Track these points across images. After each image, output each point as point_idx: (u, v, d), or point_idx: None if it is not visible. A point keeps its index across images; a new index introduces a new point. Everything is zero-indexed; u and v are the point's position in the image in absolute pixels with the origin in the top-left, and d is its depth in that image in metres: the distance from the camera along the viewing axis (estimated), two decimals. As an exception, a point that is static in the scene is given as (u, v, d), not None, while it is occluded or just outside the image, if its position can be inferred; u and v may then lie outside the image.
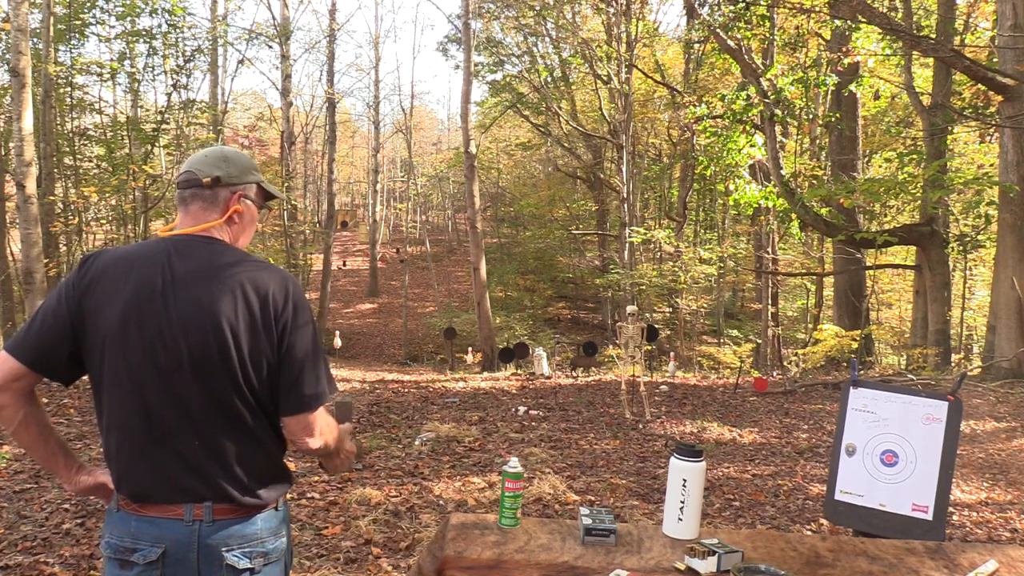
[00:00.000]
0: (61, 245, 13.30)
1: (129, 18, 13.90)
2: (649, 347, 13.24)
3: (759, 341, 17.02)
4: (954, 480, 5.14)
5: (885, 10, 11.57)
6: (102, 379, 1.49)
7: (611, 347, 15.70)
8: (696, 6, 13.89)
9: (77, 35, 14.16)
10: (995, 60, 11.02)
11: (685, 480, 1.96)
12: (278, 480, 1.59)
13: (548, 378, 11.62)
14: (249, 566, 1.50)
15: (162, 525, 1.47)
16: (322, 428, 1.55)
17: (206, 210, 1.59)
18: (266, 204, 1.74)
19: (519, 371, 13.52)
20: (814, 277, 17.59)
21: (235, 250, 1.58)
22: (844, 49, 11.25)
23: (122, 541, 1.48)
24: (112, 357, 1.47)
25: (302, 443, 1.54)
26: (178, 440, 1.48)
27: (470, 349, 17.72)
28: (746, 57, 12.70)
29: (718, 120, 13.57)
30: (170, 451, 1.48)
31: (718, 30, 12.83)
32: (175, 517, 1.47)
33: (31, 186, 8.61)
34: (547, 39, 22.55)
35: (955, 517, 4.75)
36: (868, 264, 14.77)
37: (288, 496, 1.71)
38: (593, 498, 5.03)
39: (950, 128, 12.36)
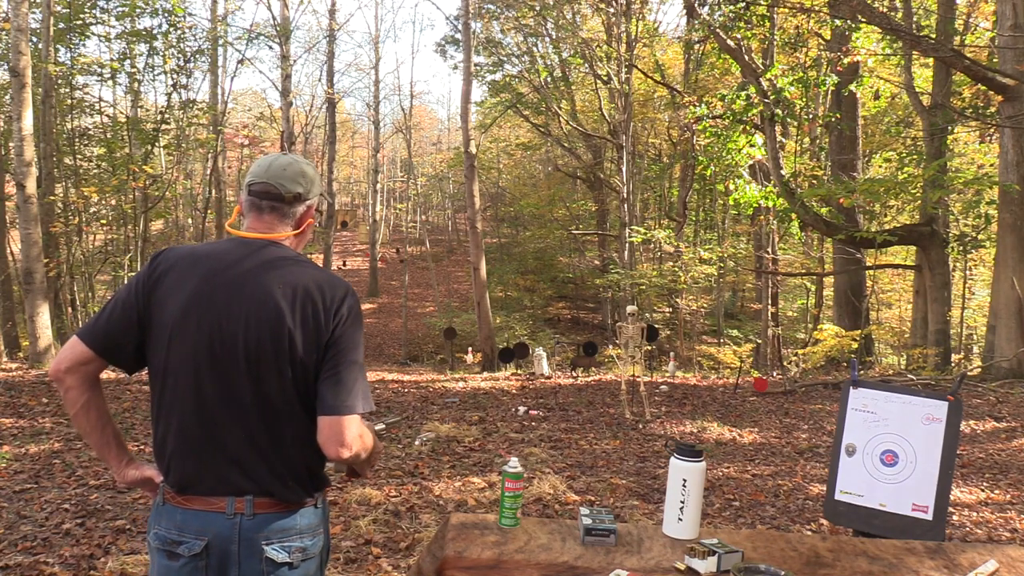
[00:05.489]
0: (61, 245, 13.29)
1: (129, 18, 13.91)
2: (649, 347, 13.24)
3: (759, 341, 17.01)
4: (954, 480, 5.13)
5: (885, 10, 11.56)
6: (161, 369, 1.54)
7: (611, 347, 15.70)
8: (696, 6, 13.88)
9: (77, 35, 14.16)
10: (995, 60, 11.02)
11: (685, 480, 1.96)
12: (318, 478, 1.63)
13: (548, 378, 11.62)
14: (288, 560, 1.53)
15: (205, 518, 1.52)
16: (355, 436, 1.55)
17: (281, 221, 1.65)
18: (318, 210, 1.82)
19: (519, 371, 13.52)
20: (814, 277, 17.58)
21: (299, 255, 1.64)
22: (844, 49, 11.26)
23: (169, 533, 1.53)
24: (173, 348, 1.52)
25: (333, 450, 1.53)
26: (227, 433, 1.52)
27: (470, 349, 17.72)
28: (746, 57, 12.70)
29: (718, 120, 13.57)
30: (218, 443, 1.52)
31: (718, 30, 12.83)
32: (217, 510, 1.52)
33: (31, 186, 8.62)
34: (547, 39, 22.55)
35: (955, 517, 4.75)
36: (868, 264, 14.77)
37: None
38: (593, 498, 5.03)
39: (950, 128, 12.35)
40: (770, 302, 16.46)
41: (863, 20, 10.42)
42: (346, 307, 1.56)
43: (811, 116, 14.53)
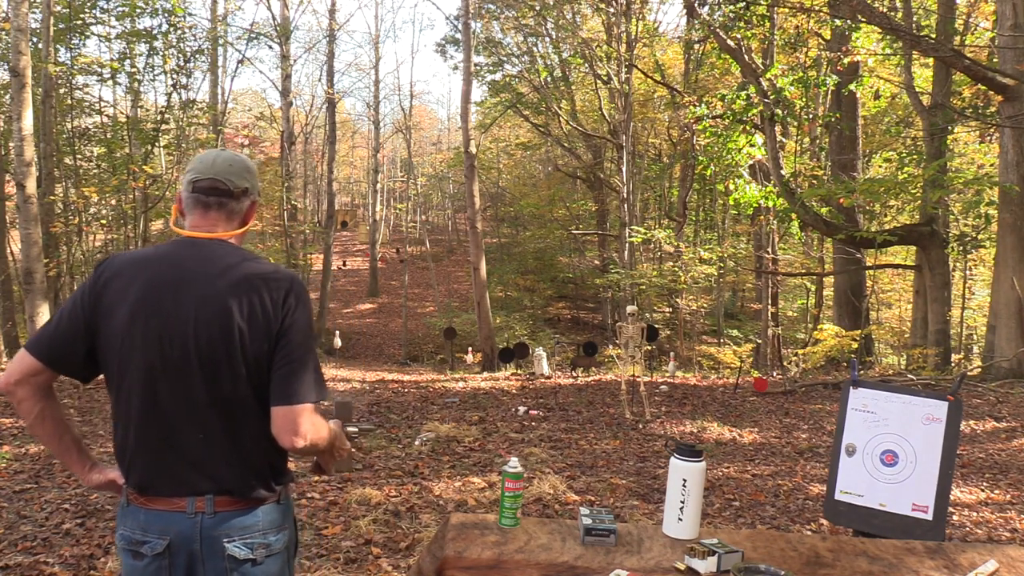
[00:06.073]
0: (61, 245, 13.29)
1: (129, 18, 13.90)
2: (649, 347, 13.24)
3: (759, 341, 17.00)
4: (954, 480, 5.13)
5: (885, 10, 11.56)
6: (114, 375, 1.56)
7: (611, 347, 15.69)
8: (696, 6, 13.88)
9: (77, 35, 14.16)
10: (995, 60, 11.02)
11: (685, 480, 1.96)
12: (280, 474, 1.63)
13: (548, 378, 11.62)
14: (251, 556, 1.55)
15: (167, 518, 1.53)
16: (309, 425, 1.54)
17: (227, 218, 1.65)
18: None
19: (519, 371, 13.52)
20: (814, 277, 17.58)
21: (244, 251, 1.64)
22: (844, 49, 11.25)
23: (134, 533, 1.55)
24: (124, 354, 1.53)
25: (287, 440, 1.53)
26: (184, 434, 1.53)
27: (470, 349, 17.71)
28: (746, 57, 12.70)
29: (718, 120, 13.56)
30: (175, 445, 1.53)
31: (718, 30, 12.83)
32: (178, 510, 1.53)
33: (31, 186, 8.61)
34: (547, 39, 22.55)
35: (955, 517, 4.75)
36: (868, 264, 14.76)
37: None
38: (593, 498, 5.03)
39: (950, 128, 12.34)
40: (770, 302, 16.45)
41: (863, 20, 10.42)
42: (293, 297, 1.56)
43: (811, 116, 14.52)
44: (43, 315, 8.72)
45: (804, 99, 13.11)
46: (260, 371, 1.53)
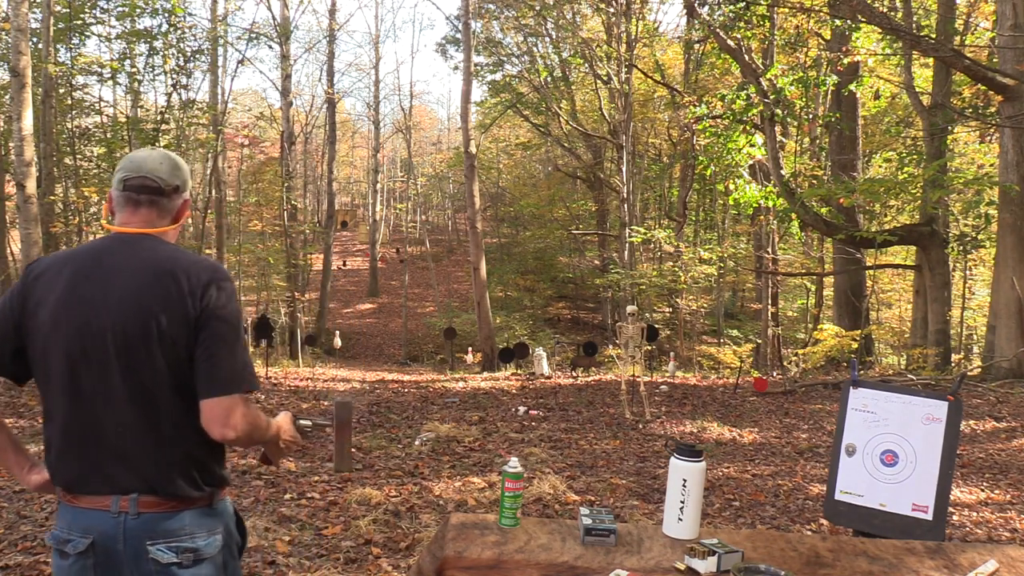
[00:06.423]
0: (61, 245, 13.29)
1: (129, 18, 13.90)
2: (649, 347, 13.24)
3: (759, 341, 17.00)
4: (954, 480, 5.13)
5: (885, 10, 11.56)
6: (42, 374, 1.55)
7: (611, 347, 15.69)
8: (696, 6, 13.88)
9: (77, 35, 14.17)
10: (995, 60, 11.01)
11: (685, 480, 1.96)
12: (209, 476, 1.59)
13: (548, 378, 11.62)
14: (175, 560, 1.51)
15: (91, 516, 1.51)
16: (240, 416, 1.51)
17: (160, 216, 1.64)
18: None
19: (519, 371, 13.52)
20: (814, 277, 17.58)
21: (170, 245, 1.63)
22: (844, 49, 11.25)
23: (61, 532, 1.54)
24: (49, 352, 1.53)
25: (217, 432, 1.51)
26: (107, 429, 1.51)
27: (470, 349, 17.72)
28: (746, 57, 12.70)
29: (718, 120, 13.57)
30: (99, 441, 1.52)
31: (718, 30, 12.83)
32: (103, 508, 1.51)
33: (31, 186, 8.61)
34: (547, 39, 22.55)
35: (955, 517, 4.75)
36: (868, 264, 14.76)
37: (229, 495, 1.68)
38: (593, 498, 5.03)
39: (950, 128, 12.34)
40: (770, 302, 16.45)
41: (863, 20, 10.42)
42: (213, 288, 1.53)
43: (811, 116, 14.53)
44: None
45: (804, 99, 13.11)
46: (179, 363, 1.51)
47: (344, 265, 34.45)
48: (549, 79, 21.93)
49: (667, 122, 22.55)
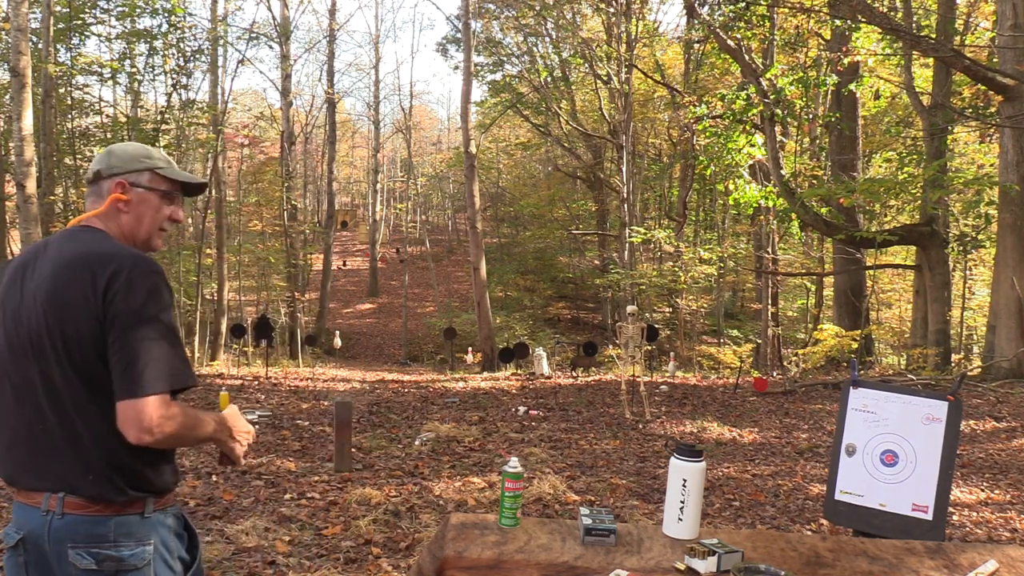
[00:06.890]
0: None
1: (129, 18, 13.91)
2: (649, 347, 13.24)
3: (759, 341, 17.00)
4: (954, 480, 5.13)
5: (885, 10, 11.57)
6: None
7: (611, 347, 15.69)
8: (696, 6, 13.89)
9: (77, 35, 14.17)
10: (995, 60, 11.02)
11: (685, 480, 1.96)
12: (139, 482, 1.50)
13: (548, 378, 11.62)
14: (93, 567, 1.45)
15: (24, 512, 1.51)
16: (160, 418, 1.41)
17: (95, 204, 1.64)
18: (172, 191, 1.69)
19: (519, 371, 13.53)
20: (814, 277, 17.58)
21: (99, 237, 1.57)
22: (844, 49, 11.25)
23: (8, 525, 1.55)
24: None
25: (132, 435, 1.42)
26: (31, 425, 1.50)
27: (470, 349, 17.72)
28: (746, 57, 12.70)
29: (718, 120, 13.57)
30: (27, 436, 1.51)
31: (718, 30, 12.83)
32: (34, 505, 1.49)
33: (31, 186, 8.61)
34: (547, 39, 22.55)
35: (955, 517, 4.75)
36: (868, 264, 14.76)
37: (171, 503, 1.61)
38: (593, 498, 5.03)
39: (950, 128, 12.35)
40: (770, 302, 16.45)
41: (863, 20, 10.42)
42: (124, 279, 1.44)
43: (811, 116, 14.52)
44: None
45: (804, 99, 13.11)
46: (88, 361, 1.44)
47: (344, 265, 34.45)
48: (549, 79, 21.93)
49: (667, 122, 22.55)
